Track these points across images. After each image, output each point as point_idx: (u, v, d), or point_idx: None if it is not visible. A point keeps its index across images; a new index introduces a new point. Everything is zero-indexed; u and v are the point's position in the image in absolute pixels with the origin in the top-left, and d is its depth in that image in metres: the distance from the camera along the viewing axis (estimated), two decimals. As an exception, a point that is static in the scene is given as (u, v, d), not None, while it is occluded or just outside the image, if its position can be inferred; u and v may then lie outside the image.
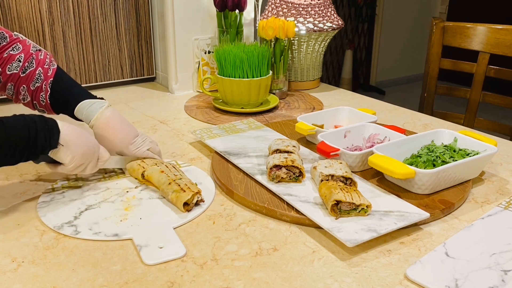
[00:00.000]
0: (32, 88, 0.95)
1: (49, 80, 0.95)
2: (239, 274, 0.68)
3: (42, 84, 0.95)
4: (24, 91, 0.95)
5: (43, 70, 0.95)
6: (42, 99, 0.96)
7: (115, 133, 0.94)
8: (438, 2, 5.09)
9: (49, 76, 0.95)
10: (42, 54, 0.97)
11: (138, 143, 0.95)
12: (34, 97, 0.96)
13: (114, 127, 0.94)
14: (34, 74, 0.94)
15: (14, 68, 0.93)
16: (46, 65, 0.96)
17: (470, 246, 0.73)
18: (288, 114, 1.34)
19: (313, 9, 1.50)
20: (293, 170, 0.89)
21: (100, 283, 0.66)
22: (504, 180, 0.96)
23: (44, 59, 0.96)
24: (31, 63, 0.94)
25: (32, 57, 0.95)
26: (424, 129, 1.23)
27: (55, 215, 0.81)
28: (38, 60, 0.95)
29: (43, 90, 0.95)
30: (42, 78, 0.95)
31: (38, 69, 0.95)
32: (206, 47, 1.53)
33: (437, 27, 1.58)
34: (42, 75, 0.95)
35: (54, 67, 0.97)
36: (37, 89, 0.95)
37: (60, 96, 0.96)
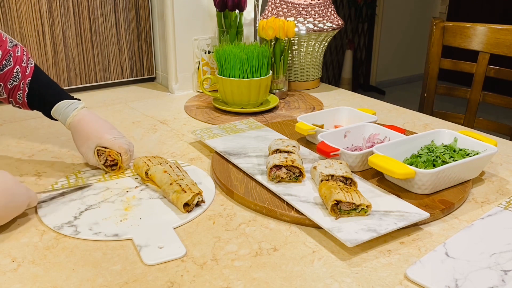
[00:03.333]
0: (10, 86, 0.95)
1: (27, 79, 0.95)
2: (239, 274, 0.68)
3: (20, 83, 0.94)
4: (0, 88, 0.95)
5: (21, 69, 0.94)
6: (19, 97, 0.95)
7: (91, 126, 0.95)
8: (438, 2, 5.09)
9: (27, 75, 0.95)
10: (19, 50, 0.96)
11: (115, 133, 0.96)
12: (10, 95, 0.96)
13: (90, 121, 0.95)
14: (12, 72, 0.94)
15: None
16: (24, 63, 0.95)
17: (470, 246, 0.73)
18: (288, 114, 1.34)
19: (313, 9, 1.50)
20: (293, 170, 0.89)
21: (100, 283, 0.66)
22: (504, 180, 0.96)
23: (21, 56, 0.95)
24: (8, 61, 0.94)
25: (10, 54, 0.94)
26: (424, 129, 1.23)
27: (55, 215, 0.81)
28: (15, 58, 0.94)
29: (21, 89, 0.95)
30: (20, 77, 0.94)
31: (16, 68, 0.94)
32: (206, 47, 1.53)
33: (437, 27, 1.58)
34: (20, 74, 0.94)
35: (32, 66, 0.97)
36: (14, 87, 0.95)
37: (38, 96, 0.96)
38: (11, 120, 1.30)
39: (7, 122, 1.28)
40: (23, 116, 1.32)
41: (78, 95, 1.50)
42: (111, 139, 0.94)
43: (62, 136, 1.18)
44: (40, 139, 1.17)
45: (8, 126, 1.26)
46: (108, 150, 0.95)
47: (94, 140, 0.94)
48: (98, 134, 0.94)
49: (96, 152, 0.94)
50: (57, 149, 1.11)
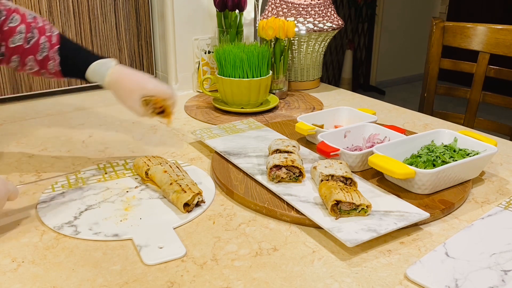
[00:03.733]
0: (39, 58, 0.95)
1: (56, 47, 0.95)
2: (239, 274, 0.68)
3: (49, 52, 0.95)
4: (31, 61, 0.95)
5: (47, 39, 0.95)
6: (51, 67, 0.96)
7: (131, 79, 0.96)
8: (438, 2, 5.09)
9: (54, 44, 0.95)
10: (40, 21, 0.96)
11: (155, 82, 0.97)
12: (42, 66, 0.96)
13: (128, 75, 0.96)
14: (39, 44, 0.94)
15: (18, 40, 0.93)
16: (48, 32, 0.96)
17: (470, 246, 0.73)
18: (288, 114, 1.34)
19: (313, 9, 1.50)
20: (293, 170, 0.89)
21: (100, 283, 0.66)
22: (504, 180, 0.96)
23: (43, 26, 0.96)
24: (33, 33, 0.94)
25: (32, 26, 0.94)
26: (424, 129, 1.23)
27: (55, 215, 0.81)
28: (39, 29, 0.95)
29: (51, 58, 0.95)
30: (48, 47, 0.95)
31: (42, 38, 0.94)
32: (206, 47, 1.53)
33: (437, 27, 1.58)
34: (47, 43, 0.95)
35: (56, 33, 0.97)
36: (44, 58, 0.95)
37: (69, 62, 0.97)
38: (11, 120, 1.30)
39: (7, 122, 1.28)
40: (23, 116, 1.33)
41: (78, 95, 1.51)
42: (154, 88, 0.96)
43: (62, 136, 1.18)
44: (40, 139, 1.17)
45: (8, 126, 1.26)
46: (154, 99, 0.96)
47: (137, 92, 0.95)
48: (140, 85, 0.95)
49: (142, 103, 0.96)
50: (57, 149, 1.11)
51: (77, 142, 1.15)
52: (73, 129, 1.23)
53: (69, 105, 1.42)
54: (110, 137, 1.18)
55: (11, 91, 1.43)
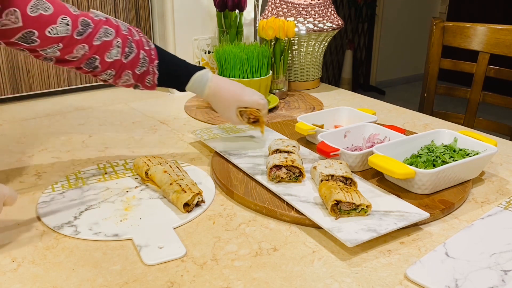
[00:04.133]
0: (138, 72, 0.96)
1: (155, 62, 0.97)
2: (239, 274, 0.68)
3: (149, 67, 0.97)
4: (128, 75, 0.96)
5: (146, 53, 0.96)
6: (149, 81, 0.99)
7: (227, 91, 1.02)
8: (438, 2, 5.09)
9: (153, 58, 0.97)
10: (136, 34, 0.96)
11: (248, 92, 1.03)
12: (138, 80, 0.98)
13: (225, 87, 1.02)
14: (138, 58, 0.95)
15: (115, 55, 0.92)
16: (146, 46, 0.97)
17: (470, 246, 0.73)
18: (288, 114, 1.34)
19: (313, 9, 1.50)
20: (293, 170, 0.89)
21: (100, 283, 0.66)
22: (504, 180, 0.96)
23: (141, 40, 0.96)
24: (131, 48, 0.94)
25: (129, 39, 0.94)
26: (424, 129, 1.23)
27: (55, 215, 0.81)
28: (136, 43, 0.95)
29: (150, 72, 0.97)
30: (147, 61, 0.96)
31: (141, 53, 0.95)
32: (206, 47, 1.53)
33: (437, 27, 1.58)
34: (147, 58, 0.96)
35: (153, 47, 0.98)
36: (143, 73, 0.96)
37: (168, 77, 1.00)
38: (11, 120, 1.30)
39: (7, 122, 1.28)
40: (23, 116, 1.33)
41: (78, 95, 1.51)
42: (249, 99, 1.02)
43: (62, 136, 1.18)
44: (40, 139, 1.17)
45: (8, 126, 1.26)
46: (249, 110, 1.03)
47: (234, 104, 1.02)
48: (236, 97, 1.02)
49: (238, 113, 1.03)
50: (57, 149, 1.11)
51: (77, 142, 1.15)
52: (73, 129, 1.23)
53: (69, 105, 1.42)
54: (110, 137, 1.18)
55: (11, 91, 1.43)
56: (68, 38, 0.86)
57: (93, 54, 0.90)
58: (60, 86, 1.50)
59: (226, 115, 1.04)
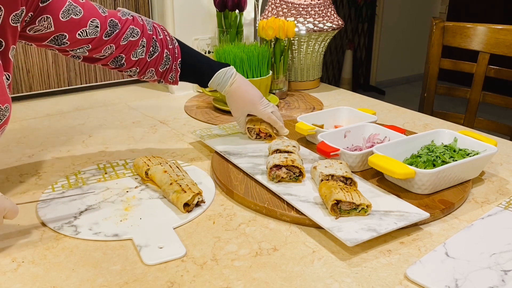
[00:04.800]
0: (161, 70, 0.99)
1: (178, 60, 1.01)
2: (239, 274, 0.68)
3: (172, 65, 0.99)
4: (151, 73, 0.99)
5: (169, 52, 0.99)
6: (172, 78, 1.02)
7: (246, 95, 1.05)
8: (438, 2, 5.09)
9: (176, 57, 1.01)
10: (160, 32, 0.99)
11: (264, 103, 1.06)
12: (161, 76, 1.01)
13: (245, 90, 1.05)
14: (162, 57, 0.98)
15: (140, 54, 0.95)
16: (170, 45, 0.99)
17: (470, 246, 0.73)
18: (288, 114, 1.34)
19: (313, 9, 1.50)
20: (293, 170, 0.89)
21: (100, 283, 0.66)
22: (504, 180, 0.96)
23: (165, 38, 0.99)
24: (155, 47, 0.97)
25: (153, 39, 0.97)
26: (424, 129, 1.23)
27: (55, 215, 0.81)
28: (160, 42, 0.98)
29: (173, 70, 1.01)
30: (170, 60, 0.99)
31: (165, 52, 0.98)
32: (206, 47, 1.53)
33: (437, 27, 1.58)
34: (170, 57, 0.99)
35: (177, 45, 1.01)
36: (166, 70, 1.00)
37: (191, 73, 1.04)
38: (11, 120, 1.29)
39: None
40: (23, 116, 1.33)
41: (78, 95, 1.51)
42: (261, 109, 1.05)
43: (62, 136, 1.18)
44: (40, 139, 1.17)
45: (8, 126, 1.25)
46: (257, 127, 1.08)
47: (247, 108, 1.06)
48: (252, 103, 1.05)
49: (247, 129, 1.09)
50: (57, 149, 1.11)
51: (77, 142, 1.15)
52: (73, 129, 1.23)
53: (69, 105, 1.42)
54: (110, 137, 1.18)
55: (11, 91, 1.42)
56: (97, 40, 0.90)
57: (119, 53, 0.94)
58: (60, 86, 1.50)
59: (236, 115, 1.08)
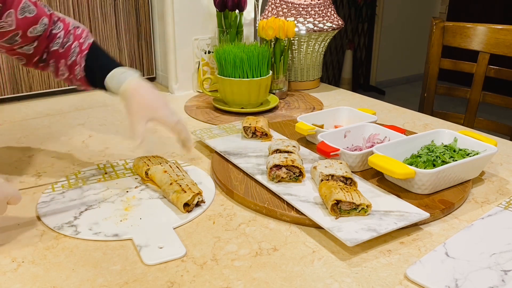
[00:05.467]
0: (69, 62, 0.96)
1: (84, 53, 0.95)
2: (239, 274, 0.68)
3: (77, 57, 0.95)
4: (63, 66, 0.96)
5: (78, 44, 0.96)
6: (77, 72, 0.95)
7: (148, 96, 0.91)
8: (438, 2, 5.09)
9: (84, 49, 0.95)
10: (80, 29, 0.98)
11: (171, 109, 0.93)
12: (70, 71, 0.97)
13: (147, 90, 0.92)
14: (71, 48, 0.95)
15: (55, 45, 0.95)
16: (82, 39, 0.97)
17: (470, 246, 0.73)
18: (288, 114, 1.34)
19: (313, 9, 1.50)
20: (293, 170, 0.89)
21: (100, 283, 0.66)
22: (504, 180, 0.96)
23: (81, 34, 0.97)
24: (69, 39, 0.96)
25: (70, 32, 0.96)
26: (424, 129, 1.23)
27: (55, 215, 0.81)
28: (75, 35, 0.96)
29: (78, 63, 0.95)
30: (77, 51, 0.95)
31: (75, 43, 0.96)
32: (206, 47, 1.53)
33: (437, 27, 1.58)
34: (77, 49, 0.95)
35: (90, 41, 0.97)
36: (73, 62, 0.96)
37: (94, 68, 0.95)
38: (11, 120, 1.30)
39: (7, 122, 1.28)
40: (23, 116, 1.33)
41: (78, 95, 1.51)
42: (163, 116, 0.91)
43: (62, 136, 1.18)
44: (40, 139, 1.17)
45: (8, 126, 1.26)
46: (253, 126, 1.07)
47: (146, 112, 0.90)
48: (152, 108, 0.90)
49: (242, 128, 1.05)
50: (57, 149, 1.11)
51: (77, 142, 1.15)
52: (73, 129, 1.23)
53: (69, 105, 1.42)
54: (110, 137, 1.18)
55: (11, 91, 1.43)
56: (43, 37, 0.92)
57: (44, 48, 0.95)
58: (60, 86, 1.50)
59: (133, 119, 0.89)
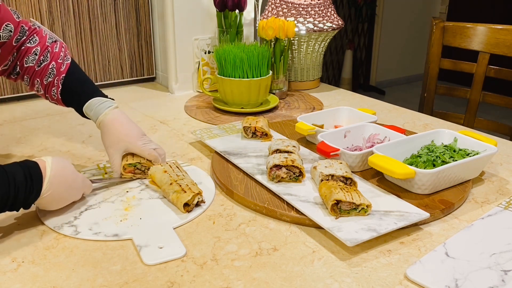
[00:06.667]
0: (45, 82, 0.95)
1: (61, 76, 0.95)
2: (239, 274, 0.68)
3: (54, 79, 0.95)
4: (38, 84, 0.96)
5: (56, 65, 0.95)
6: (54, 93, 0.95)
7: (123, 128, 0.93)
8: (438, 2, 5.09)
9: (61, 71, 0.95)
10: (58, 46, 0.97)
11: (146, 140, 0.94)
12: (46, 91, 0.96)
13: (122, 123, 0.93)
14: (48, 68, 0.94)
15: (30, 61, 0.94)
16: (60, 59, 0.95)
17: (470, 246, 0.73)
18: (288, 114, 1.34)
19: (313, 9, 1.50)
20: (293, 170, 0.89)
21: (100, 283, 0.66)
22: (504, 180, 0.96)
23: (58, 52, 0.96)
24: (46, 57, 0.94)
25: (48, 50, 0.95)
26: (424, 129, 1.23)
27: (55, 215, 0.81)
28: (52, 54, 0.95)
29: (55, 85, 0.95)
30: (54, 73, 0.94)
31: (52, 64, 0.94)
32: (206, 47, 1.53)
33: (437, 27, 1.58)
34: (55, 70, 0.94)
35: (68, 62, 0.96)
36: (49, 83, 0.95)
37: (71, 92, 0.95)
38: (11, 120, 1.30)
39: (7, 122, 1.28)
40: (23, 116, 1.33)
41: (78, 95, 1.51)
42: (140, 146, 0.92)
43: (62, 136, 1.18)
44: (40, 139, 1.17)
45: (8, 126, 1.26)
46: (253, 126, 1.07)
47: (124, 144, 0.92)
48: (129, 138, 0.92)
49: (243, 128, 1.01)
50: (57, 149, 1.11)
51: (77, 142, 1.15)
52: (73, 129, 1.23)
53: (69, 105, 1.42)
54: (110, 137, 1.17)
55: (11, 91, 1.43)
56: (8, 44, 0.90)
57: (17, 60, 0.94)
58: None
59: (110, 151, 0.93)
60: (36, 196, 0.74)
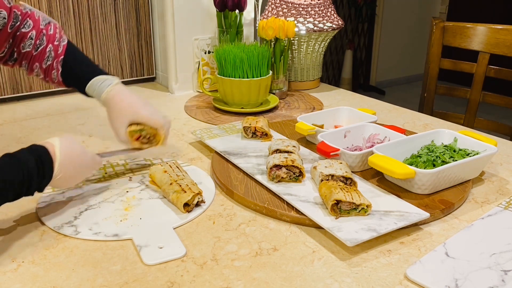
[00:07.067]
0: (44, 66, 0.95)
1: (60, 58, 0.95)
2: (239, 274, 0.68)
3: (53, 62, 0.95)
4: (37, 68, 0.96)
5: (53, 47, 0.94)
6: (54, 76, 0.96)
7: (126, 100, 0.93)
8: (438, 2, 5.09)
9: (59, 54, 0.95)
10: (52, 28, 0.96)
11: (150, 109, 0.94)
12: (46, 75, 0.96)
13: (125, 96, 0.93)
14: (45, 51, 0.94)
15: (27, 46, 0.93)
16: (56, 41, 0.95)
17: (470, 246, 0.73)
18: (288, 114, 1.34)
19: (313, 9, 1.50)
20: (293, 170, 0.89)
21: (100, 283, 0.66)
22: (504, 180, 0.96)
23: (54, 34, 0.96)
24: (42, 40, 0.94)
25: (43, 33, 0.94)
26: (424, 129, 1.23)
27: (55, 215, 0.81)
28: (48, 36, 0.95)
29: (55, 68, 0.95)
30: (53, 56, 0.94)
31: (49, 46, 0.94)
32: (206, 47, 1.53)
33: (437, 27, 1.58)
34: (53, 53, 0.94)
35: (65, 43, 0.96)
36: (48, 67, 0.95)
37: (72, 74, 0.96)
38: (11, 120, 1.30)
39: (7, 122, 1.28)
40: (23, 116, 1.33)
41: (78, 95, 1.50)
42: (146, 115, 0.92)
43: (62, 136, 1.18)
44: (40, 139, 1.16)
45: (8, 126, 1.26)
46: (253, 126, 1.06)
47: (128, 115, 0.92)
48: (133, 109, 0.92)
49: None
50: (57, 149, 1.10)
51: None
52: (73, 129, 1.23)
53: (69, 105, 1.42)
54: (110, 137, 1.17)
55: (11, 91, 1.43)
56: (3, 31, 0.89)
57: (13, 47, 0.93)
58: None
59: (115, 125, 0.94)
60: (48, 180, 0.76)
